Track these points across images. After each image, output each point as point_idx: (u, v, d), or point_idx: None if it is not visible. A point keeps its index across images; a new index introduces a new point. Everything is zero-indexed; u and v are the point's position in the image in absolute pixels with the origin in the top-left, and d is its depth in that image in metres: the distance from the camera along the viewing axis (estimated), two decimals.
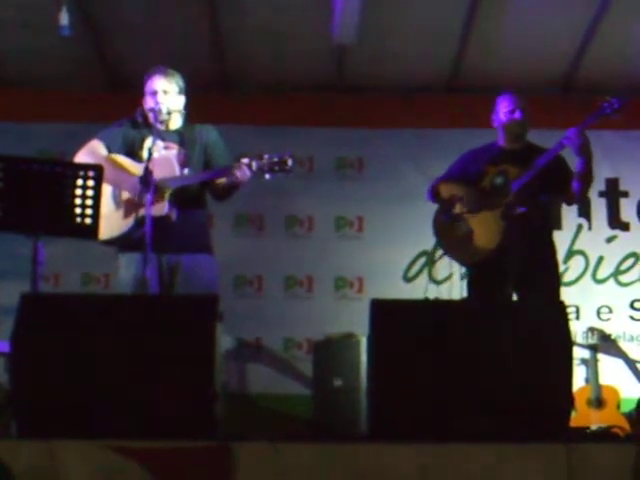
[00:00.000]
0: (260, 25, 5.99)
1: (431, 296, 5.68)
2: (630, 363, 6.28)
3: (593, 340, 6.04)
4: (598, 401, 5.73)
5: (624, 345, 6.35)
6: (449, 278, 5.84)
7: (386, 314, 3.26)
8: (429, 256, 6.47)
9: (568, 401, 3.27)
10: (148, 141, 4.33)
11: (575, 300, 6.37)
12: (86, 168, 3.84)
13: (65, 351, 3.13)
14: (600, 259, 6.59)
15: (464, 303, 4.33)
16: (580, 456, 2.85)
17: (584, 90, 6.44)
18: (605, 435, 4.70)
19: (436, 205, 4.76)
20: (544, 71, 6.47)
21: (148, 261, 4.05)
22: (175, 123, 4.51)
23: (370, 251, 6.58)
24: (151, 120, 4.34)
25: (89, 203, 3.75)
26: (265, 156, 4.20)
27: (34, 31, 5.84)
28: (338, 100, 6.71)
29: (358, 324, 4.21)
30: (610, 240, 6.64)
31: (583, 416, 5.62)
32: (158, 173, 4.19)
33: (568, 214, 6.41)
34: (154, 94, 4.43)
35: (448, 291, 5.95)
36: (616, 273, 6.56)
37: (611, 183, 6.69)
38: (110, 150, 4.45)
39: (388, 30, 6.01)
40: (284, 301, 6.54)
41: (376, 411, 3.18)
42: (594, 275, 6.58)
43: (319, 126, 6.68)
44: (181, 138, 4.48)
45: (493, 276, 4.44)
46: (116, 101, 5.91)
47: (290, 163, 4.19)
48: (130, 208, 4.29)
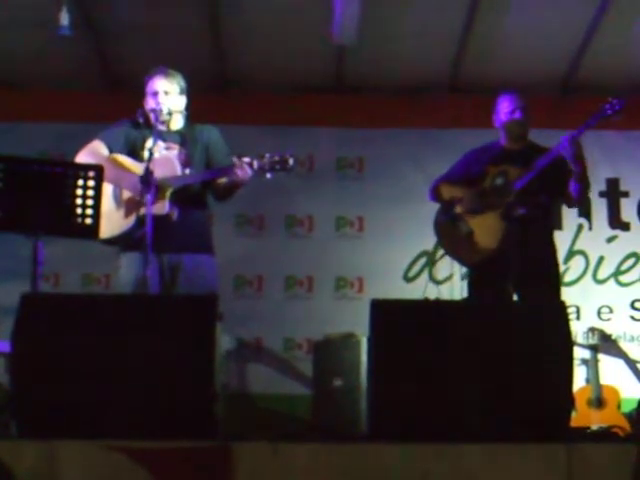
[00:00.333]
0: (260, 25, 6.00)
1: (431, 296, 5.70)
2: (630, 363, 6.28)
3: (593, 340, 6.04)
4: (598, 401, 5.73)
5: (624, 345, 6.36)
6: (449, 278, 5.85)
7: (386, 314, 3.26)
8: (430, 256, 6.47)
9: (568, 401, 3.27)
10: (149, 141, 4.33)
11: (575, 300, 6.36)
12: (86, 168, 3.84)
13: (65, 351, 3.13)
14: (600, 259, 6.58)
15: (464, 303, 4.34)
16: (580, 456, 2.85)
17: (584, 90, 6.45)
18: (605, 435, 4.71)
19: (436, 205, 4.76)
20: (544, 71, 6.47)
21: (149, 261, 4.05)
22: (176, 123, 4.51)
23: (370, 251, 6.58)
24: (152, 120, 4.33)
25: (89, 203, 3.75)
26: (266, 155, 4.20)
27: (34, 31, 5.83)
28: (338, 100, 6.70)
29: (358, 324, 4.22)
30: (610, 240, 6.63)
31: (583, 416, 5.62)
32: (159, 172, 4.19)
33: (568, 214, 6.40)
34: (155, 95, 4.43)
35: (449, 291, 5.96)
36: (616, 273, 6.56)
37: (611, 183, 6.69)
38: (111, 150, 4.44)
39: (388, 30, 6.01)
40: (284, 301, 6.54)
41: (376, 411, 3.18)
42: (594, 275, 6.58)
43: (319, 126, 6.67)
44: (182, 138, 4.47)
45: (494, 276, 4.45)
46: (116, 101, 5.91)
47: (291, 162, 4.19)
48: (131, 207, 4.29)
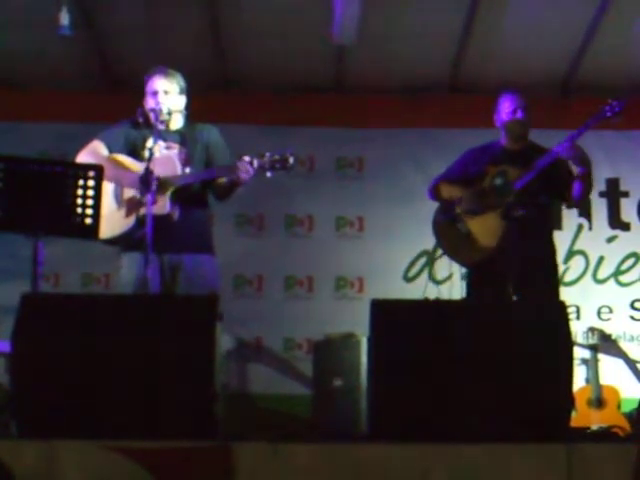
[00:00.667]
0: (260, 25, 5.99)
1: (431, 296, 5.70)
2: (630, 363, 6.28)
3: (593, 340, 6.04)
4: (598, 401, 5.72)
5: (624, 345, 6.35)
6: (449, 278, 5.84)
7: (386, 314, 3.26)
8: (429, 256, 6.47)
9: (568, 401, 3.27)
10: (149, 141, 4.32)
11: (575, 300, 6.36)
12: (86, 168, 3.84)
13: (65, 351, 3.13)
14: (600, 259, 6.58)
15: (464, 303, 4.33)
16: (580, 456, 2.85)
17: (584, 90, 6.45)
18: (605, 435, 4.71)
19: (436, 204, 4.76)
20: (544, 71, 6.47)
21: (149, 261, 4.05)
22: (176, 123, 4.51)
23: (370, 251, 6.58)
24: (152, 120, 4.33)
25: (89, 203, 3.75)
26: (266, 154, 4.20)
27: (34, 31, 5.83)
28: (338, 100, 6.70)
29: (358, 324, 4.21)
30: (610, 240, 6.63)
31: (583, 416, 5.62)
32: (160, 172, 4.19)
33: (568, 214, 6.40)
34: (155, 94, 4.42)
35: (448, 291, 5.96)
36: (616, 273, 6.56)
37: (611, 183, 6.69)
38: (111, 150, 4.44)
39: (388, 30, 6.01)
40: (284, 301, 6.54)
41: (376, 411, 3.18)
42: (594, 275, 6.57)
43: (319, 126, 6.67)
44: (182, 138, 4.47)
45: (493, 276, 4.45)
46: (116, 101, 5.90)
47: (291, 160, 4.19)
48: (132, 207, 4.29)
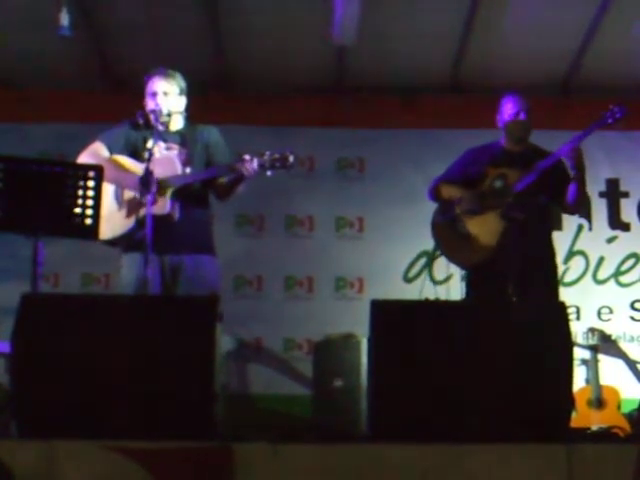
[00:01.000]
0: (260, 25, 5.99)
1: (431, 296, 5.69)
2: (630, 364, 6.28)
3: (593, 341, 6.04)
4: (598, 402, 5.72)
5: (624, 346, 6.36)
6: (449, 279, 5.83)
7: (386, 315, 3.26)
8: (429, 256, 6.46)
9: (568, 402, 3.27)
10: (150, 142, 4.31)
11: (575, 300, 6.36)
12: (86, 168, 3.84)
13: (65, 351, 3.13)
14: (600, 259, 6.58)
15: (464, 303, 4.33)
16: (580, 457, 2.85)
17: (585, 91, 6.45)
18: (605, 436, 4.71)
19: (436, 205, 4.76)
20: (545, 71, 6.47)
21: (149, 261, 4.05)
22: (176, 124, 4.51)
23: (370, 251, 6.58)
24: (152, 121, 4.33)
25: (89, 203, 3.74)
26: (266, 152, 4.21)
27: (34, 32, 5.83)
28: (339, 100, 6.70)
29: (358, 325, 4.21)
30: (611, 240, 6.63)
31: (583, 417, 5.62)
32: (160, 172, 4.19)
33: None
34: (154, 95, 4.42)
35: (448, 292, 5.95)
36: (616, 274, 6.56)
37: (611, 183, 6.69)
38: (112, 151, 4.44)
39: (388, 30, 6.01)
40: (284, 301, 6.54)
41: (376, 412, 3.18)
42: (594, 275, 6.57)
43: (320, 126, 6.67)
44: (182, 139, 4.47)
45: (492, 277, 4.43)
46: (116, 101, 5.91)
47: (291, 159, 4.19)
48: (132, 208, 4.29)
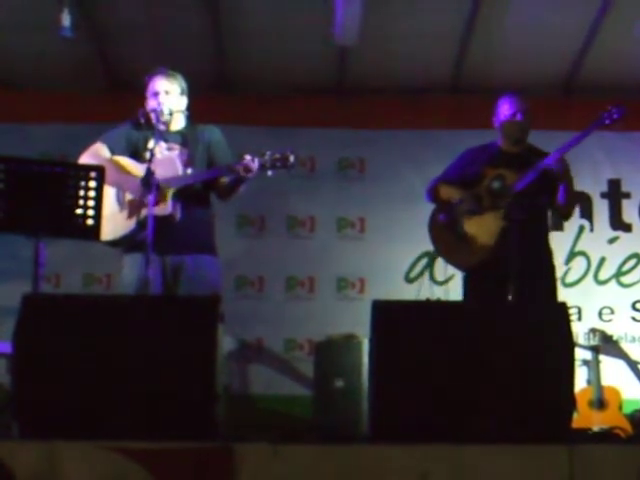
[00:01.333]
0: (261, 26, 5.99)
1: (433, 297, 5.69)
2: (632, 364, 6.28)
3: (595, 341, 6.04)
4: (600, 402, 5.72)
5: (626, 346, 6.35)
6: (451, 279, 5.82)
7: (388, 315, 3.26)
8: (431, 257, 6.46)
9: (570, 402, 3.26)
10: (151, 142, 4.31)
11: (577, 301, 6.36)
12: (87, 169, 3.85)
13: (66, 352, 3.13)
14: (602, 260, 6.58)
15: (465, 304, 4.32)
16: (582, 457, 2.85)
17: (586, 91, 6.45)
18: (607, 436, 4.71)
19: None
20: (546, 72, 6.47)
21: (150, 261, 4.05)
22: (177, 124, 4.51)
23: (372, 252, 6.57)
24: (153, 121, 4.32)
25: (91, 204, 3.75)
26: (267, 152, 4.21)
27: (36, 33, 5.83)
28: (340, 101, 6.70)
29: (360, 325, 4.21)
30: (612, 241, 6.63)
31: (585, 417, 5.62)
32: (161, 173, 4.19)
33: None
34: (156, 95, 4.42)
35: (450, 292, 5.95)
36: (618, 274, 6.55)
37: (613, 184, 6.68)
38: (113, 152, 4.44)
39: (390, 31, 6.01)
40: (285, 302, 6.54)
41: (377, 412, 3.18)
42: (596, 276, 6.57)
43: (321, 127, 6.67)
44: (184, 139, 4.47)
45: (491, 278, 4.42)
46: (117, 102, 5.91)
47: (292, 159, 4.20)
48: (134, 209, 4.29)
